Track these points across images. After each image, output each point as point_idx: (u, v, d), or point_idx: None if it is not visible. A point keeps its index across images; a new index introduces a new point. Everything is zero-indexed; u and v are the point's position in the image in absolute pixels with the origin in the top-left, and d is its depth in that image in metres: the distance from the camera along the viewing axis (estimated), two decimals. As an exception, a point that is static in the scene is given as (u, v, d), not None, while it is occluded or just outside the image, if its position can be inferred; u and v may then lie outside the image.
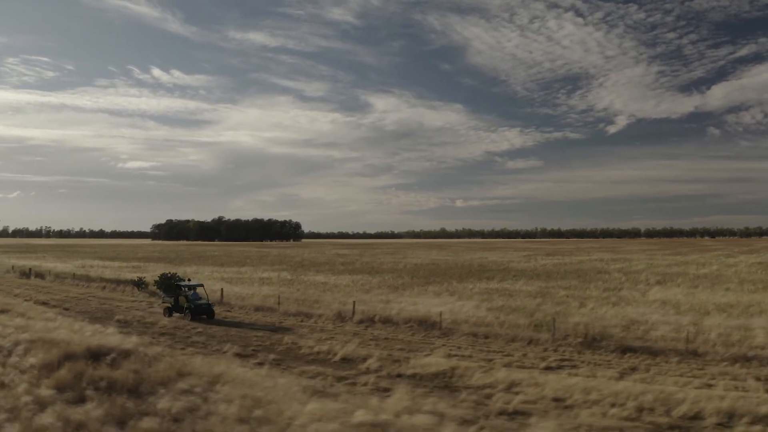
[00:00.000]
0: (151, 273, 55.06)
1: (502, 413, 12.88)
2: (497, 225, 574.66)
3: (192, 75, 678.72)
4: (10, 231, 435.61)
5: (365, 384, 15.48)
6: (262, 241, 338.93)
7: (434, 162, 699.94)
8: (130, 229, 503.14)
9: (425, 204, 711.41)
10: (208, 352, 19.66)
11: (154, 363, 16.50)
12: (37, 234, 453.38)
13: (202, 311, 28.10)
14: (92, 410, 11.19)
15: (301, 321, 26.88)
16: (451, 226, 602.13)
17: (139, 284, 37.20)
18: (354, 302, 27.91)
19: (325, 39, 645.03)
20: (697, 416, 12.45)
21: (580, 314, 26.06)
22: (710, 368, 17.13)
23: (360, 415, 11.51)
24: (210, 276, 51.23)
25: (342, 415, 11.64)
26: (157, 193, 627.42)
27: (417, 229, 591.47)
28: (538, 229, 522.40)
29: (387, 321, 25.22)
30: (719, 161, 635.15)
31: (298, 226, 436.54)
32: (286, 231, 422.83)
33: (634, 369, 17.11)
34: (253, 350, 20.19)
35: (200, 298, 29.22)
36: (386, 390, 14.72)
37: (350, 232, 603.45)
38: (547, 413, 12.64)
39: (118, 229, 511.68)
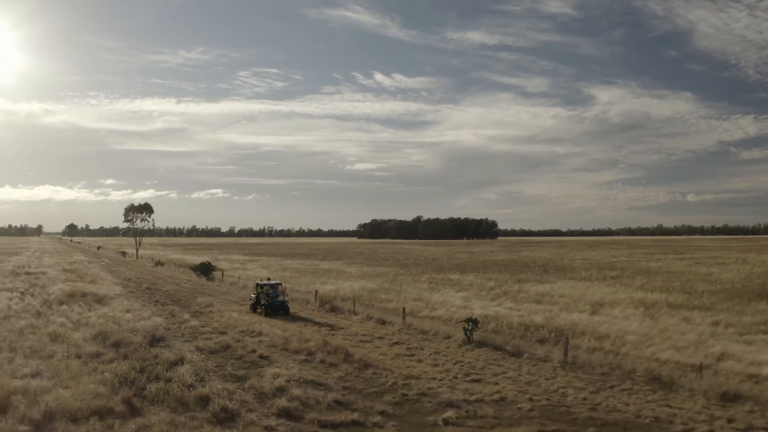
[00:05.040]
0: (257, 264, 79.08)
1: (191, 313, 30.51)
2: (724, 221, 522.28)
3: (413, 77, 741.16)
4: (236, 231, 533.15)
5: (167, 308, 34.13)
6: (458, 239, 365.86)
7: (663, 154, 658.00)
8: (345, 228, 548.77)
9: (654, 199, 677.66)
10: (151, 304, 39.94)
11: (94, 297, 37.58)
12: (260, 233, 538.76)
13: (276, 308, 32.05)
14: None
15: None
16: (681, 221, 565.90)
17: (194, 269, 60.04)
18: (239, 279, 46.17)
19: (544, 33, 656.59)
20: (252, 334, 28.07)
21: (400, 293, 40.48)
22: (345, 322, 31.26)
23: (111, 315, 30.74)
24: (278, 265, 72.97)
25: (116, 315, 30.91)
26: (383, 194, 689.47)
27: (635, 227, 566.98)
28: (762, 225, 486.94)
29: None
30: None
31: (494, 224, 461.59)
32: (483, 230, 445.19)
33: (322, 324, 32.03)
34: (171, 300, 39.80)
35: (278, 296, 33.36)
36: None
37: (563, 229, 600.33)
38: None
39: (334, 228, 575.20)
